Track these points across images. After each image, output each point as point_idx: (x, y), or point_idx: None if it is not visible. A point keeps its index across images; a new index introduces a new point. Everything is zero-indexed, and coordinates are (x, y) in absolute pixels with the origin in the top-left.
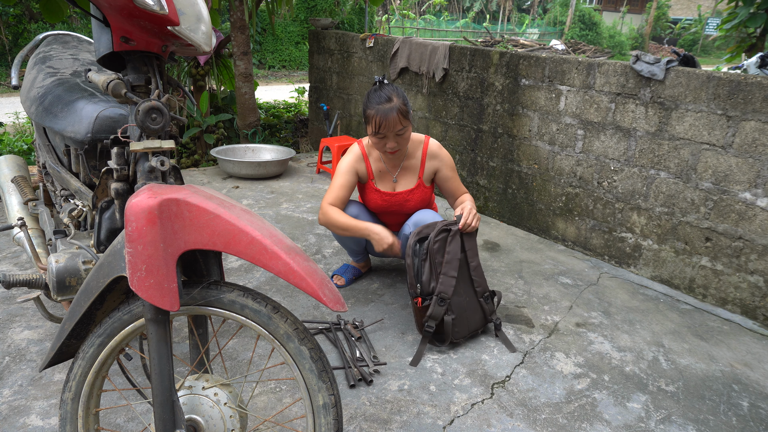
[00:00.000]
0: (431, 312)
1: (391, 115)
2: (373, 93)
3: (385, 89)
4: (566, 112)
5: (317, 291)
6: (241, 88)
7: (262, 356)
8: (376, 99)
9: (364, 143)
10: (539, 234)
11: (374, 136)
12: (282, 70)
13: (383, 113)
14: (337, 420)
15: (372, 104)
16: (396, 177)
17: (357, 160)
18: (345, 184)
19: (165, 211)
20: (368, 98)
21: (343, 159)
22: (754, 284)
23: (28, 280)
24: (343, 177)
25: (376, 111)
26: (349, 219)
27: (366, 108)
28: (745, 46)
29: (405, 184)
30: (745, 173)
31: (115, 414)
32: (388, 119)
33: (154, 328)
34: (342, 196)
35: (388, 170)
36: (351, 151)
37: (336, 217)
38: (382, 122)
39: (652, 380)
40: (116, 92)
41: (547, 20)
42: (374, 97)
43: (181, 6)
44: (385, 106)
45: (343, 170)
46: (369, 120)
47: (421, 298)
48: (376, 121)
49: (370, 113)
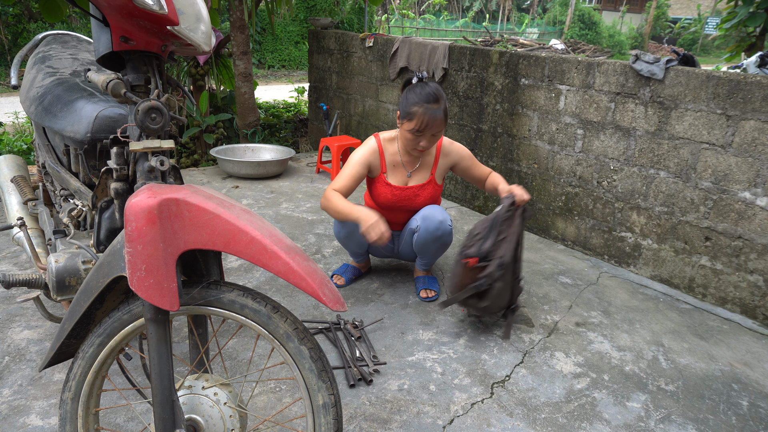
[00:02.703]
0: (489, 272)
1: (439, 116)
2: (420, 90)
3: (431, 88)
4: (566, 111)
5: (317, 291)
6: (241, 88)
7: (262, 356)
8: (425, 97)
9: (382, 138)
10: (539, 233)
11: (412, 133)
12: (282, 70)
13: (431, 113)
14: (337, 420)
15: (420, 102)
16: (411, 172)
17: (372, 153)
18: (355, 175)
19: (164, 210)
20: (414, 94)
21: (358, 150)
22: (753, 283)
23: (28, 280)
24: (355, 168)
25: (424, 110)
26: (346, 202)
27: (411, 104)
28: (744, 45)
29: (417, 179)
30: (745, 172)
31: (115, 414)
32: (435, 120)
33: (154, 327)
34: (349, 185)
35: (403, 165)
36: (367, 143)
37: (335, 200)
38: (429, 123)
39: (651, 380)
40: (116, 92)
41: (547, 20)
42: (422, 95)
43: (181, 6)
44: (433, 106)
45: (356, 161)
46: (413, 117)
47: (479, 257)
48: (422, 121)
49: (417, 111)
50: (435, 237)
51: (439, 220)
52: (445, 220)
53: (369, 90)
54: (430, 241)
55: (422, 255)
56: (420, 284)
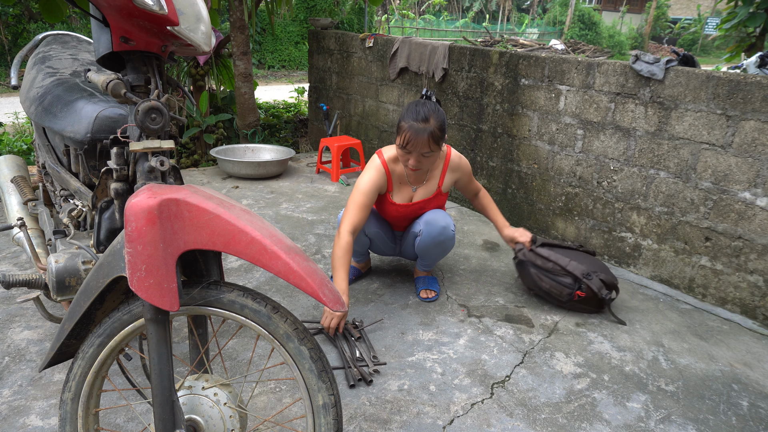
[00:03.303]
0: (602, 283)
1: (422, 136)
2: (414, 106)
3: (426, 107)
4: (566, 111)
5: (317, 291)
6: (241, 88)
7: (261, 356)
8: (413, 114)
9: (386, 157)
10: (539, 234)
11: (399, 148)
12: (282, 70)
13: (415, 131)
14: (337, 420)
15: (407, 118)
16: (416, 188)
17: (380, 177)
18: (366, 204)
19: (165, 211)
20: (407, 110)
21: (365, 175)
22: (753, 284)
23: (28, 280)
24: (366, 197)
25: (409, 126)
26: (340, 261)
27: (401, 119)
28: (744, 45)
29: (423, 193)
30: (745, 173)
31: (115, 414)
32: (417, 139)
33: (154, 328)
34: (362, 218)
35: (408, 182)
36: (372, 166)
37: (336, 250)
38: (411, 140)
39: (651, 380)
40: (116, 92)
41: (547, 20)
42: (412, 112)
43: (181, 6)
44: (419, 125)
45: (365, 190)
46: (399, 132)
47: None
48: (405, 136)
49: (403, 126)
50: (438, 242)
51: (442, 226)
52: (449, 226)
53: (369, 90)
54: (432, 245)
55: (424, 258)
56: (420, 284)
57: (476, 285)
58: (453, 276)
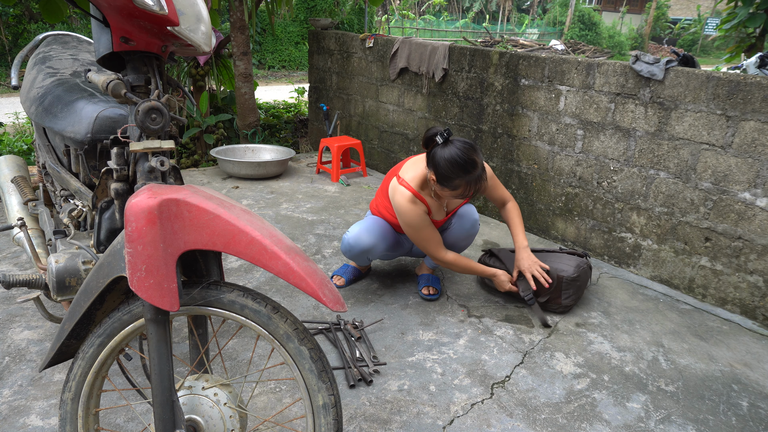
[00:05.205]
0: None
1: (483, 183)
2: (456, 156)
3: (465, 151)
4: (566, 112)
5: (317, 291)
6: (241, 89)
7: (261, 356)
8: (461, 167)
9: (413, 185)
10: (539, 234)
11: (453, 192)
12: (282, 71)
13: (475, 182)
14: (337, 420)
15: (456, 174)
16: (447, 204)
17: (421, 209)
18: (434, 228)
19: (165, 211)
20: (450, 165)
21: (412, 212)
22: (753, 284)
23: (28, 281)
24: (430, 227)
25: (468, 181)
26: (476, 264)
27: (452, 177)
28: (744, 46)
29: (454, 203)
30: (745, 173)
31: (115, 414)
32: (481, 184)
33: (154, 328)
34: (440, 238)
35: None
36: (409, 200)
37: (463, 262)
38: (479, 189)
39: (651, 380)
40: (116, 92)
41: (547, 20)
42: (456, 166)
43: (181, 6)
44: (473, 175)
45: (424, 223)
46: (457, 188)
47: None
48: (468, 190)
49: (460, 183)
50: (469, 234)
51: (475, 219)
52: (478, 219)
53: (369, 90)
54: (462, 237)
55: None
56: (423, 281)
57: (476, 285)
58: (453, 276)
